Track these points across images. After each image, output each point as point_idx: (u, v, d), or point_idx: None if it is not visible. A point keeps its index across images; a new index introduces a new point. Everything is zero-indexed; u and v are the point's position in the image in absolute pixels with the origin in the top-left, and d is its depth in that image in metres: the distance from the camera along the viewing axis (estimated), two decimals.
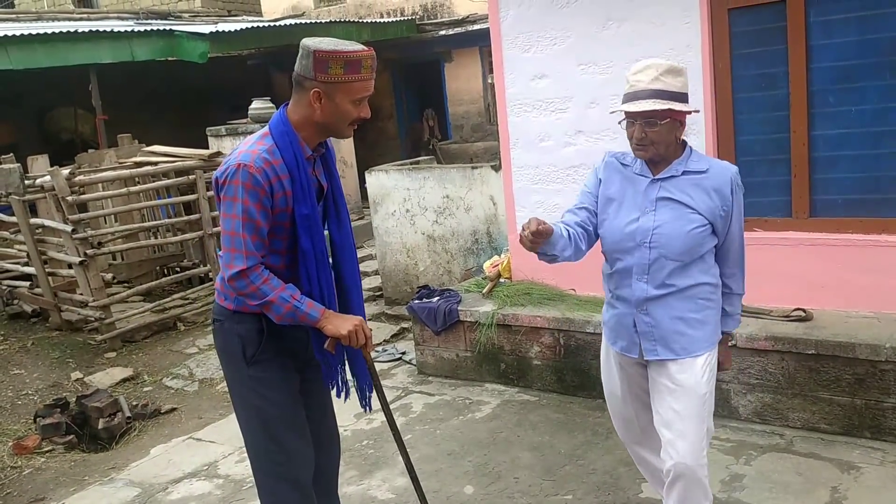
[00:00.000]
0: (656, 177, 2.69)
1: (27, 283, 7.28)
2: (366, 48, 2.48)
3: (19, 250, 7.34)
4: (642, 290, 2.69)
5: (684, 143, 2.71)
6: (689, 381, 2.66)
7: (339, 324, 2.56)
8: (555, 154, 4.94)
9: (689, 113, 2.63)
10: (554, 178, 4.97)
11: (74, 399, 5.00)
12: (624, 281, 2.74)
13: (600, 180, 2.80)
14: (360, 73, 2.46)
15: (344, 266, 2.76)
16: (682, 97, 2.59)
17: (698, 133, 4.36)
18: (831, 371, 3.81)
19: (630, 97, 2.61)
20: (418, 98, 14.33)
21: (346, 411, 4.73)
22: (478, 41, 12.23)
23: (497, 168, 5.94)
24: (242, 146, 2.55)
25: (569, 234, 2.69)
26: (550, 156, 4.96)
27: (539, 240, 2.51)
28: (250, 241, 2.47)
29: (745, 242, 2.80)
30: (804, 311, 4.08)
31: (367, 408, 2.92)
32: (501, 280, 5.25)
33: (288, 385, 2.69)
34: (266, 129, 2.56)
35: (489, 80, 12.45)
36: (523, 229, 2.50)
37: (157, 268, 7.71)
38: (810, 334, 3.87)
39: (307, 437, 2.74)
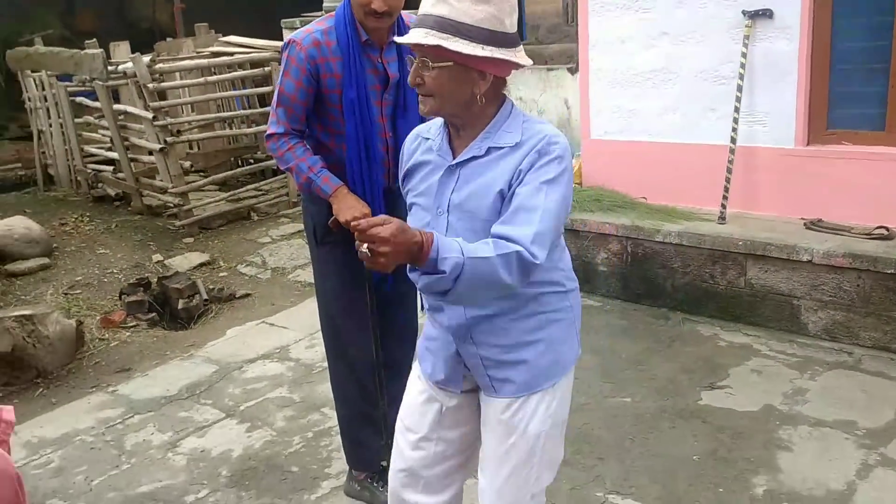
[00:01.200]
0: (454, 160, 1.85)
1: (111, 168, 7.56)
2: None
3: (103, 135, 7.59)
4: (458, 315, 1.90)
5: (503, 102, 1.86)
6: (522, 420, 1.94)
7: (342, 208, 2.58)
8: (636, 57, 4.77)
9: (496, 62, 1.75)
10: (633, 83, 4.83)
11: (156, 280, 5.25)
12: (435, 300, 1.91)
13: (406, 171, 2.00)
14: None
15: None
16: (482, 35, 1.71)
17: (791, 38, 4.15)
18: None
19: (414, 23, 1.81)
20: None
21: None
22: None
23: (573, 71, 5.80)
24: (306, 26, 2.67)
25: None
26: (631, 59, 4.80)
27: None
28: (282, 112, 2.63)
29: (828, 155, 2.43)
30: (887, 229, 3.94)
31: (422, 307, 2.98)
32: None
33: (351, 270, 2.74)
34: (334, 11, 2.64)
35: None
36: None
37: (232, 158, 7.88)
38: (891, 253, 3.75)
39: (363, 324, 2.76)
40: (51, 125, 8.03)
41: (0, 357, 4.08)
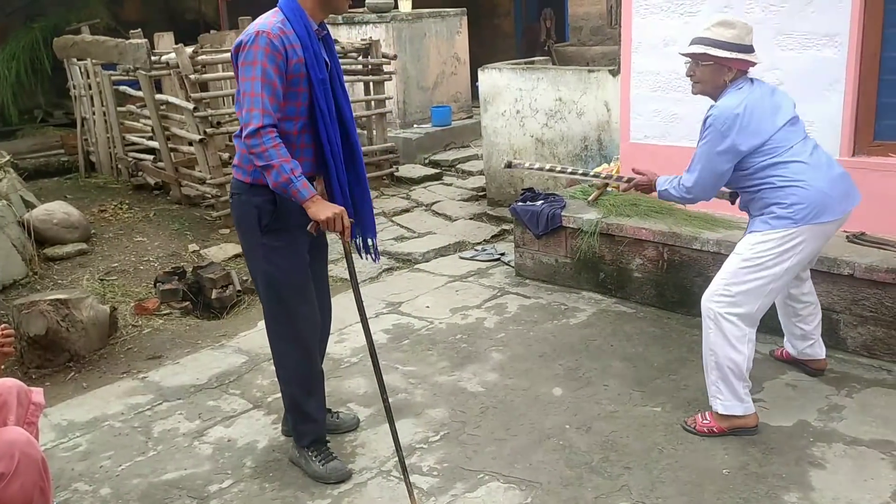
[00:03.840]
0: None
1: (151, 157, 7.65)
2: None
3: (145, 125, 7.68)
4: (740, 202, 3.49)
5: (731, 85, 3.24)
6: (739, 246, 3.29)
7: (320, 210, 2.78)
8: (679, 61, 4.67)
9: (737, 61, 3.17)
10: (675, 87, 4.75)
11: (191, 269, 5.30)
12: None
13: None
14: None
15: (351, 131, 3.03)
16: (729, 46, 3.15)
17: (839, 46, 4.05)
18: None
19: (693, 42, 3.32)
20: None
21: (442, 306, 4.86)
22: None
23: (615, 73, 5.73)
24: (257, 21, 2.83)
25: None
26: (674, 62, 4.68)
27: None
28: (267, 101, 2.71)
29: (873, 167, 2.67)
30: None
31: (374, 257, 3.26)
32: (608, 189, 5.14)
33: (297, 254, 2.99)
34: (276, 7, 2.84)
35: None
36: None
37: None
38: None
39: (313, 303, 3.07)
40: (94, 113, 8.15)
41: (34, 340, 4.15)
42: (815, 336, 3.65)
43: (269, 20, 2.79)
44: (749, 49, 3.15)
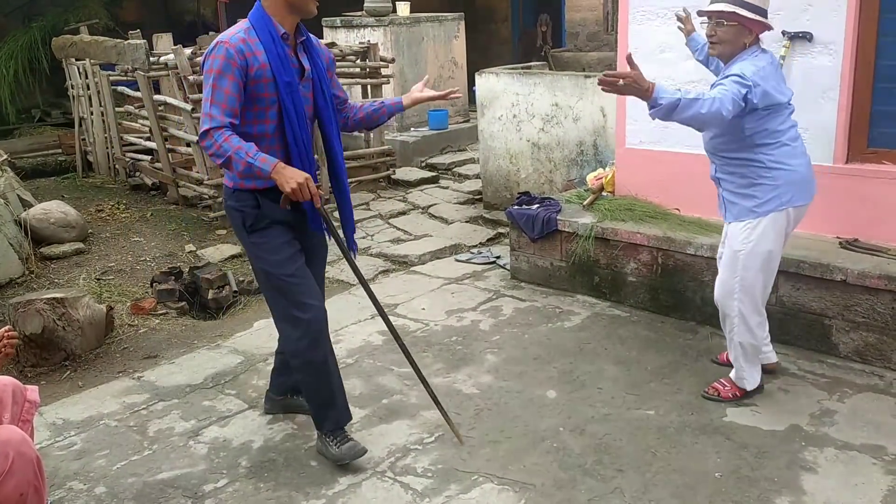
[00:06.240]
0: None
1: (149, 157, 7.66)
2: None
3: (142, 125, 7.70)
4: (713, 169, 3.55)
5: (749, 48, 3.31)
6: (733, 241, 3.44)
7: (285, 181, 2.90)
8: (674, 67, 4.72)
9: (758, 24, 3.24)
10: None
11: (188, 269, 5.31)
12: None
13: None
14: None
15: (328, 128, 3.20)
16: (752, 7, 3.20)
17: (834, 54, 4.08)
18: None
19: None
20: (535, 1, 13.86)
21: (438, 308, 4.88)
22: None
23: None
24: (224, 32, 3.01)
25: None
26: (669, 69, 4.75)
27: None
28: (217, 108, 2.90)
29: (867, 174, 2.73)
30: None
31: (353, 250, 3.34)
32: (604, 194, 5.17)
33: (285, 247, 3.11)
34: (247, 18, 3.03)
35: None
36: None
37: None
38: None
39: (314, 292, 3.15)
40: (92, 113, 8.17)
41: (30, 338, 4.15)
42: (768, 338, 3.80)
43: (233, 30, 2.98)
44: (767, 13, 3.28)
